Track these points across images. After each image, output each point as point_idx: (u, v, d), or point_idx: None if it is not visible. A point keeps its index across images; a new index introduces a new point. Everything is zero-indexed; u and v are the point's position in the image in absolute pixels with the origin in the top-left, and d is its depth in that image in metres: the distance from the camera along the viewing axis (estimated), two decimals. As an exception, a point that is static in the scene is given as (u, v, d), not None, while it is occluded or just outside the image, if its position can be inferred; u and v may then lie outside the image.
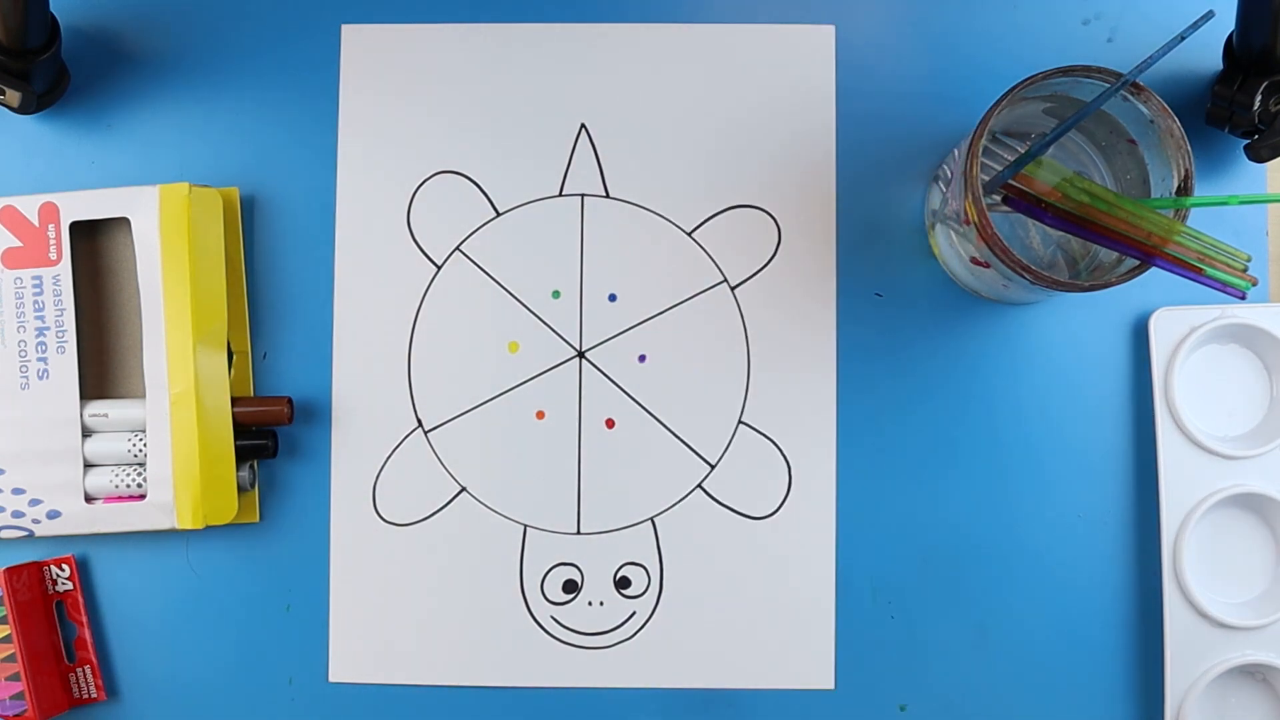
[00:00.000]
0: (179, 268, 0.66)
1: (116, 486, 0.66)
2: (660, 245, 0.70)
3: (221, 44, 0.70)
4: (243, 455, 0.67)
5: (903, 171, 0.70)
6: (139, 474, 0.66)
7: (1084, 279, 0.61)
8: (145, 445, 0.66)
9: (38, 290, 0.66)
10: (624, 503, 0.69)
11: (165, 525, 0.66)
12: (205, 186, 0.68)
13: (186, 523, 0.65)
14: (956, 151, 0.63)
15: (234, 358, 0.68)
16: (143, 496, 0.66)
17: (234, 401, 0.67)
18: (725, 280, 0.70)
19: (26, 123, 0.70)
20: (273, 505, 0.69)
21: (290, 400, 0.68)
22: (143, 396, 0.67)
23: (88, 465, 0.67)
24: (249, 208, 0.70)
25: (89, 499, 0.66)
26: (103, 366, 0.68)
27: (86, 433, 0.67)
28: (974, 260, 0.64)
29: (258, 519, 0.69)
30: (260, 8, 0.71)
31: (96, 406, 0.67)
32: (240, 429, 0.67)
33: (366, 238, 0.70)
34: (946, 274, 0.69)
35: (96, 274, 0.69)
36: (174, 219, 0.66)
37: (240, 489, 0.67)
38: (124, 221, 0.67)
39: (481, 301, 0.70)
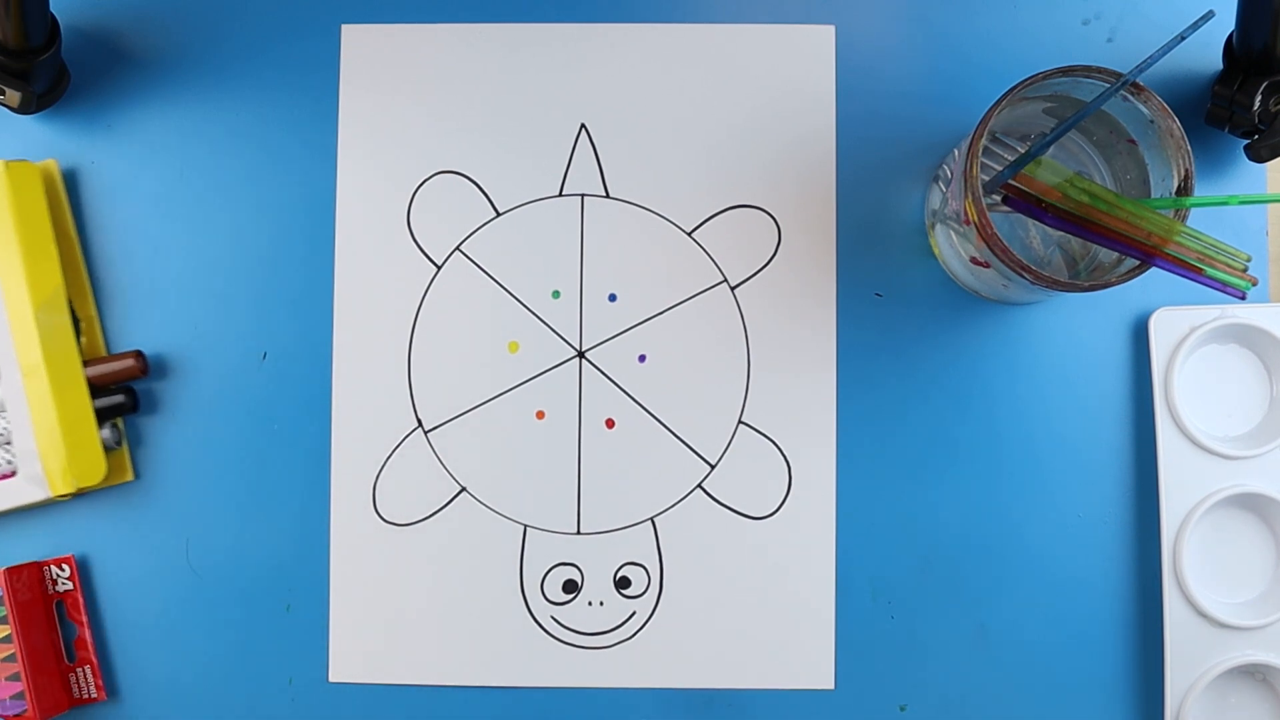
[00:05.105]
0: (6, 242, 0.66)
1: None
2: (660, 245, 0.70)
3: (221, 44, 0.70)
4: (103, 416, 0.68)
5: (903, 171, 0.70)
6: (7, 452, 0.67)
7: (1084, 279, 0.61)
8: (7, 424, 0.67)
9: None
10: (624, 503, 0.69)
11: (40, 497, 0.67)
12: (21, 161, 0.68)
13: (59, 489, 0.66)
14: (956, 151, 0.63)
15: (81, 324, 0.69)
16: (14, 474, 0.67)
17: (85, 364, 0.68)
18: (725, 280, 0.70)
19: (26, 123, 0.70)
20: (273, 504, 0.69)
21: (140, 353, 0.68)
22: None
23: None
24: (249, 207, 0.70)
25: None
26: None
27: None
28: (974, 260, 0.64)
29: (131, 478, 0.69)
30: (260, 8, 0.71)
31: None
32: (97, 390, 0.68)
33: (366, 238, 0.70)
34: (946, 274, 0.69)
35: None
36: None
37: (106, 448, 0.68)
38: None
39: (481, 301, 0.70)
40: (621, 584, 0.69)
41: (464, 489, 0.69)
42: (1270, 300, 0.69)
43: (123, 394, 0.68)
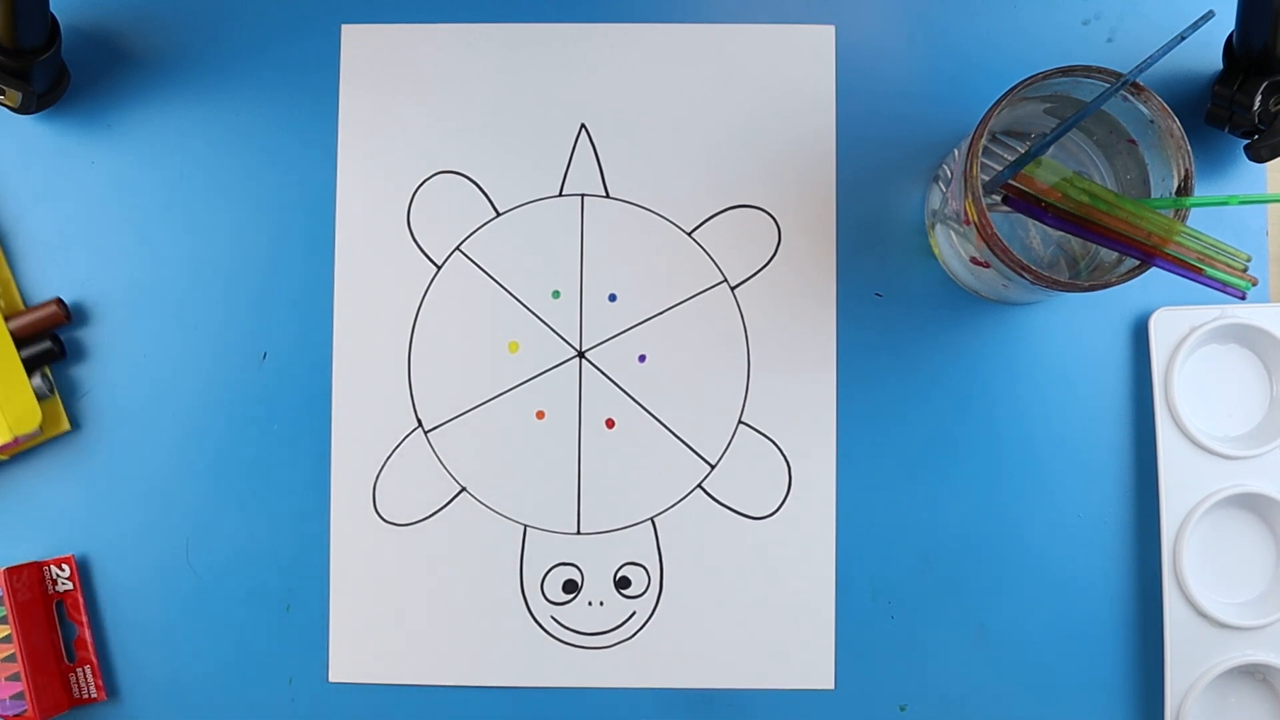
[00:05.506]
0: None
1: None
2: (660, 245, 0.70)
3: (221, 44, 0.70)
4: (32, 366, 0.68)
5: (903, 171, 0.70)
6: None
7: (1084, 279, 0.61)
8: None
9: None
10: (624, 503, 0.69)
11: None
12: None
13: None
14: (956, 151, 0.63)
15: None
16: None
17: (6, 319, 0.68)
18: (725, 280, 0.70)
19: (26, 123, 0.70)
20: (272, 504, 0.69)
21: (60, 300, 0.68)
22: None
23: None
24: (249, 207, 0.70)
25: None
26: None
27: None
28: (974, 260, 0.64)
29: (68, 428, 0.69)
30: (260, 8, 0.71)
31: None
32: (22, 341, 0.68)
33: (366, 238, 0.70)
34: (946, 274, 0.69)
35: None
36: None
37: (39, 397, 0.68)
38: None
39: (481, 301, 0.70)
40: (621, 584, 0.69)
41: (464, 489, 0.69)
42: (1270, 300, 0.69)
43: (49, 340, 0.68)
